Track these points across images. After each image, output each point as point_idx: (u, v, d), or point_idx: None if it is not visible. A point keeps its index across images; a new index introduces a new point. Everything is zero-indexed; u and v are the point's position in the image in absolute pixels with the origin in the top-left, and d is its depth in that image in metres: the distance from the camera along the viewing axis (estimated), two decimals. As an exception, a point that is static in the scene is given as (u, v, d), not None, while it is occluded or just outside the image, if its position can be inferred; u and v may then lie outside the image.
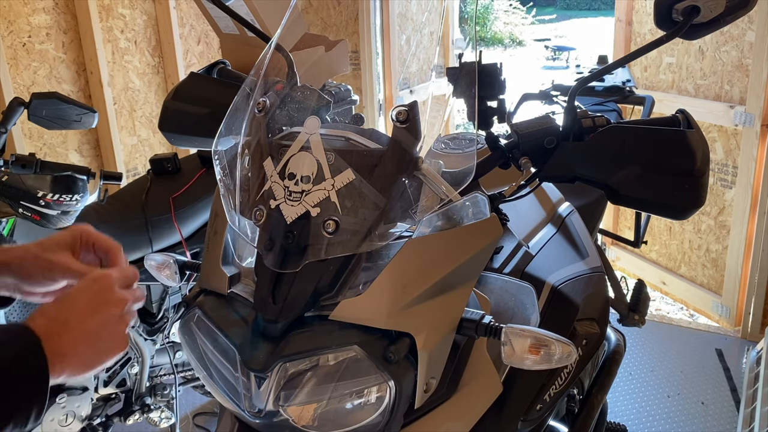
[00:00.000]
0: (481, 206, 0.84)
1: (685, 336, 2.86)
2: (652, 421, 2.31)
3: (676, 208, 0.92)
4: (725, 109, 2.77)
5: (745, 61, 2.69)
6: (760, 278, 2.71)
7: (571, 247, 1.29)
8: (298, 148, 0.81)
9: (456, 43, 4.11)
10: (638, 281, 1.82)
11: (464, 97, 1.04)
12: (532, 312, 0.95)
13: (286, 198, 0.79)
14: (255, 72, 0.95)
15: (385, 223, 0.81)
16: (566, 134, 0.97)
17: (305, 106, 0.96)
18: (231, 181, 0.90)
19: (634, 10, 3.22)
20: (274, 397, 0.79)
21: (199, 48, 3.54)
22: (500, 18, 16.95)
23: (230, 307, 0.85)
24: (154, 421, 2.07)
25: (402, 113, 0.81)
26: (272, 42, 0.98)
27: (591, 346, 1.16)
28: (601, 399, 1.28)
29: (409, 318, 0.77)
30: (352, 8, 3.46)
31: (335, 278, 0.81)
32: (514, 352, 0.78)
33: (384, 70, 3.60)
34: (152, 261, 1.03)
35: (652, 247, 3.34)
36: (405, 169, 0.82)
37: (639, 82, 3.23)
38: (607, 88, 1.99)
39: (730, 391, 2.45)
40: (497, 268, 1.10)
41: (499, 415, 0.93)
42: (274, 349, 0.78)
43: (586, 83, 1.01)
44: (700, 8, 0.90)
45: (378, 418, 0.78)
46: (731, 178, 2.84)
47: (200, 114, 1.14)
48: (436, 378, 0.82)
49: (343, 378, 0.78)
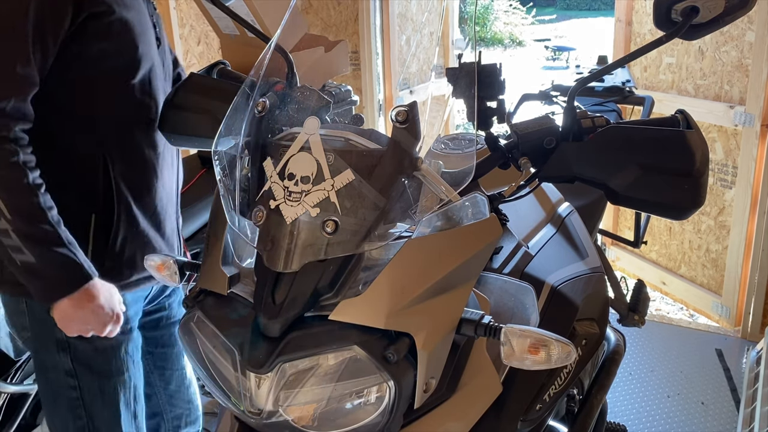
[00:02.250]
0: (480, 206, 0.85)
1: (685, 336, 2.86)
2: (652, 421, 2.31)
3: (676, 209, 0.92)
4: (725, 109, 2.77)
5: (745, 61, 2.69)
6: (760, 278, 2.71)
7: (570, 248, 1.29)
8: (298, 149, 0.81)
9: (456, 44, 4.12)
10: (638, 281, 1.82)
11: (464, 97, 1.04)
12: (532, 312, 0.95)
13: (286, 198, 0.79)
14: (255, 72, 0.95)
15: (385, 223, 0.81)
16: (566, 134, 0.97)
17: (305, 107, 0.96)
18: (231, 182, 0.90)
19: (634, 11, 3.23)
20: (273, 397, 0.79)
21: (199, 48, 3.54)
22: (500, 18, 16.95)
23: (230, 307, 0.85)
24: (154, 421, 2.07)
25: (402, 113, 0.81)
26: (272, 42, 0.98)
27: (591, 346, 1.16)
28: (600, 399, 1.28)
29: (409, 318, 0.77)
30: (352, 8, 3.46)
31: (335, 278, 0.81)
32: (514, 352, 0.79)
33: (384, 71, 3.60)
34: (152, 261, 1.03)
35: (652, 248, 3.34)
36: (404, 169, 0.82)
37: (639, 82, 3.23)
38: (607, 89, 2.00)
39: (730, 391, 2.45)
40: (497, 269, 1.10)
41: (498, 415, 0.93)
42: (274, 349, 0.78)
43: (585, 83, 1.01)
44: (699, 8, 0.90)
45: (378, 418, 0.79)
46: (731, 178, 2.84)
47: (200, 114, 1.14)
48: (435, 378, 0.82)
49: (343, 378, 0.78)
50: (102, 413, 1.28)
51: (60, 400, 1.26)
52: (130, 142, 1.24)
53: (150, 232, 1.29)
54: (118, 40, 1.16)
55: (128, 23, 1.17)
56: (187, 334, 0.89)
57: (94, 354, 1.24)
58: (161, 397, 1.57)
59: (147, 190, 1.27)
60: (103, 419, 1.28)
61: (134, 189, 1.25)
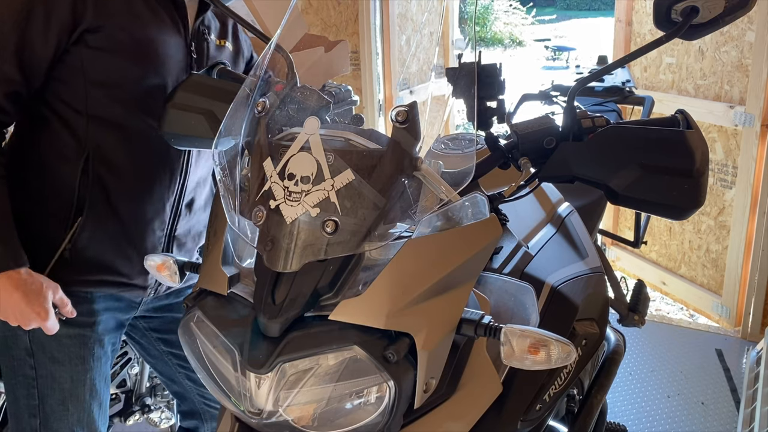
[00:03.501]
0: (480, 206, 0.85)
1: (685, 336, 2.86)
2: (652, 421, 2.31)
3: (676, 209, 0.92)
4: (725, 110, 2.77)
5: (745, 62, 2.69)
6: (760, 278, 2.71)
7: (570, 248, 1.29)
8: (298, 149, 0.81)
9: (456, 44, 4.12)
10: (638, 281, 1.82)
11: (464, 97, 1.04)
12: (532, 312, 0.95)
13: (286, 198, 0.79)
14: (255, 72, 0.95)
15: (385, 223, 0.81)
16: (566, 134, 0.97)
17: (305, 107, 0.96)
18: (231, 182, 0.90)
19: (634, 11, 3.23)
20: (273, 398, 0.79)
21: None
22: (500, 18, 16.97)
23: (230, 307, 0.85)
24: (154, 421, 2.07)
25: (402, 113, 0.81)
26: (272, 42, 0.98)
27: (590, 346, 1.16)
28: (600, 399, 1.28)
29: (409, 318, 0.78)
30: (352, 8, 3.46)
31: (335, 278, 0.81)
32: (514, 352, 0.79)
33: (384, 71, 3.60)
34: (152, 261, 1.03)
35: (652, 248, 3.34)
36: (404, 169, 0.82)
37: (639, 82, 3.23)
38: (607, 89, 1.99)
39: (730, 391, 2.45)
40: (497, 269, 1.10)
41: (498, 415, 0.93)
42: (274, 349, 0.78)
43: (585, 83, 1.01)
44: (699, 8, 0.90)
45: (378, 418, 0.79)
46: (731, 179, 2.84)
47: (200, 114, 1.14)
48: (435, 378, 0.82)
49: (343, 378, 0.78)
50: (52, 398, 1.27)
51: (18, 378, 1.27)
52: (119, 148, 1.23)
53: (122, 241, 1.27)
54: (114, 57, 1.17)
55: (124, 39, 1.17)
56: (187, 334, 0.89)
57: (50, 339, 1.24)
58: (194, 397, 1.56)
59: (126, 198, 1.26)
60: (53, 405, 1.27)
61: (112, 193, 1.24)
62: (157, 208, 1.30)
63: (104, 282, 1.28)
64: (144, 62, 1.20)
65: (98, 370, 1.33)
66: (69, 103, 1.19)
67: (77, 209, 1.22)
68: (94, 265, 1.26)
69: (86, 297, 1.26)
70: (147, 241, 1.31)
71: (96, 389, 1.32)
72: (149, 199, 1.29)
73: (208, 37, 1.33)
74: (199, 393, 1.56)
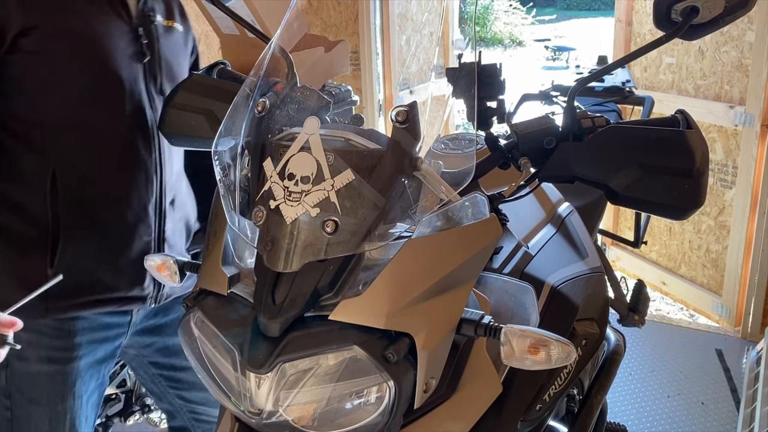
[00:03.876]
0: (480, 206, 0.85)
1: (685, 336, 2.86)
2: (652, 421, 2.31)
3: (676, 209, 0.92)
4: (725, 110, 2.77)
5: (745, 62, 2.69)
6: (760, 278, 2.71)
7: (570, 248, 1.29)
8: (298, 149, 0.81)
9: (456, 44, 4.12)
10: (638, 281, 1.82)
11: (464, 97, 1.04)
12: (532, 312, 0.95)
13: (286, 198, 0.79)
14: (255, 72, 0.95)
15: (385, 223, 0.81)
16: (566, 134, 0.97)
17: (305, 107, 0.96)
18: (231, 182, 0.90)
19: (634, 11, 3.23)
20: (273, 398, 0.79)
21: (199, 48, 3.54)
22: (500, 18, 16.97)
23: (230, 307, 0.85)
24: (154, 421, 2.07)
25: (401, 113, 0.81)
26: (272, 42, 0.98)
27: (590, 346, 1.16)
28: (600, 399, 1.28)
29: (409, 318, 0.78)
30: (352, 9, 3.46)
31: (335, 278, 0.81)
32: (514, 352, 0.79)
33: (384, 71, 3.60)
34: (152, 261, 1.03)
35: (652, 248, 3.34)
36: (404, 169, 0.82)
37: (639, 82, 3.23)
38: (607, 89, 1.99)
39: (730, 391, 2.45)
40: (497, 269, 1.10)
41: (498, 415, 0.93)
42: (274, 349, 0.78)
43: (585, 83, 1.01)
44: (699, 8, 0.90)
45: (378, 418, 0.79)
46: (731, 179, 2.84)
47: (200, 114, 1.14)
48: (435, 378, 0.82)
49: (343, 378, 0.78)
50: None
51: None
52: (83, 152, 1.17)
53: (108, 254, 1.21)
54: (55, 58, 1.10)
55: (62, 37, 1.10)
56: (187, 334, 0.89)
57: (27, 378, 1.19)
58: (184, 414, 1.52)
59: (103, 207, 1.20)
60: None
61: (87, 204, 1.18)
62: (138, 212, 1.24)
63: (98, 302, 1.22)
64: (89, 57, 1.13)
65: (80, 409, 1.25)
66: (20, 117, 1.12)
67: (53, 233, 1.15)
68: (84, 286, 1.20)
69: (66, 329, 1.20)
70: (134, 249, 1.24)
71: (76, 430, 1.26)
72: (128, 204, 1.22)
73: (154, 18, 1.25)
74: (189, 410, 1.51)
